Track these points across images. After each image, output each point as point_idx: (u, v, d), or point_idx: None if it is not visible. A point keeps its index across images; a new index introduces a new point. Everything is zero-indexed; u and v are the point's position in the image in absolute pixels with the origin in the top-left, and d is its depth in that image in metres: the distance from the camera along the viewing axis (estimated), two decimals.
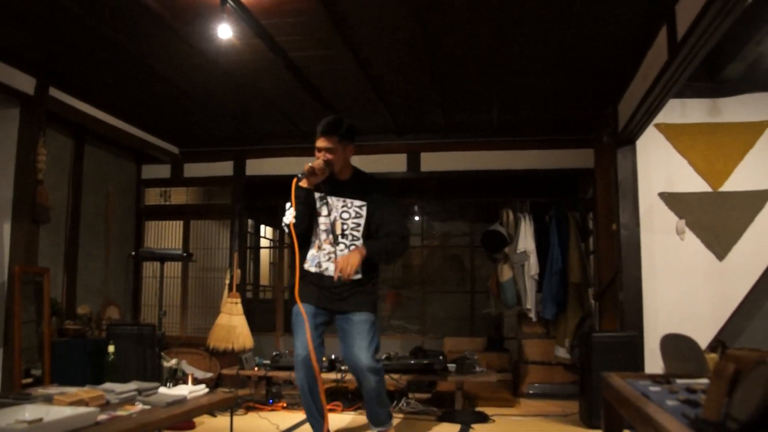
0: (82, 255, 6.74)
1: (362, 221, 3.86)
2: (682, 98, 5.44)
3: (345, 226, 3.84)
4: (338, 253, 3.78)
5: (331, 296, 3.83)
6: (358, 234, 3.85)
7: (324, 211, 3.86)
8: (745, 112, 5.45)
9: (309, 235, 3.90)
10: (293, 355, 3.77)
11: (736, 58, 4.88)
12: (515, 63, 5.26)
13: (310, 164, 3.75)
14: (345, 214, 3.86)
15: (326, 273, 3.82)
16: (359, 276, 3.79)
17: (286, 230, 3.82)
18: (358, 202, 3.88)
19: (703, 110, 5.52)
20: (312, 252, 3.88)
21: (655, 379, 2.35)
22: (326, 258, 3.83)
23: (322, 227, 3.85)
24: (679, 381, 2.28)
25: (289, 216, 3.75)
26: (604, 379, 2.49)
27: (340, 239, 3.81)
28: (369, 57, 5.18)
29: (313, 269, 3.86)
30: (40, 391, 3.56)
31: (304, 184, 3.75)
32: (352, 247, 3.80)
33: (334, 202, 3.88)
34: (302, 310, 3.76)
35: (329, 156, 3.80)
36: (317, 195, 3.88)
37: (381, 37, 4.81)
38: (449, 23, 4.55)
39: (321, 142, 3.81)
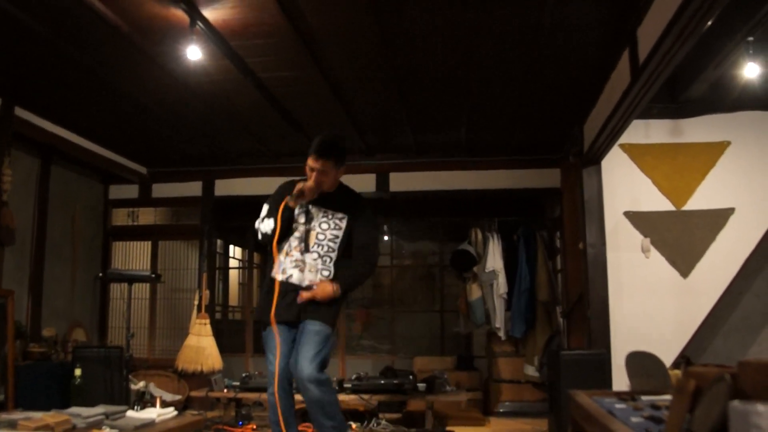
0: (47, 276, 6.64)
1: (341, 233, 3.76)
2: (646, 119, 5.57)
3: (322, 236, 3.72)
4: (308, 261, 3.68)
5: (293, 306, 3.64)
6: (335, 246, 3.73)
7: (302, 219, 3.75)
8: (707, 133, 5.59)
9: (281, 241, 3.73)
10: (263, 375, 3.64)
11: (697, 81, 5.01)
12: (482, 85, 5.34)
13: (301, 186, 3.62)
14: (324, 224, 3.75)
15: (290, 280, 3.66)
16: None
17: (259, 237, 3.70)
18: (339, 215, 3.79)
19: (666, 131, 5.65)
20: (280, 258, 3.72)
21: (620, 396, 2.39)
22: (292, 265, 3.67)
23: (296, 234, 3.73)
24: (644, 398, 2.32)
25: (266, 227, 3.65)
26: (571, 397, 2.53)
27: (312, 248, 3.69)
28: (338, 78, 5.23)
29: (280, 277, 3.68)
30: (4, 416, 3.52)
31: (292, 204, 3.65)
32: (326, 259, 3.69)
33: (315, 211, 3.77)
34: (274, 328, 3.66)
35: (321, 178, 3.66)
36: (297, 209, 3.76)
37: (349, 59, 4.86)
38: (416, 47, 4.62)
39: (315, 163, 3.63)
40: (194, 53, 4.22)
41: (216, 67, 4.85)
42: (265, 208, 3.76)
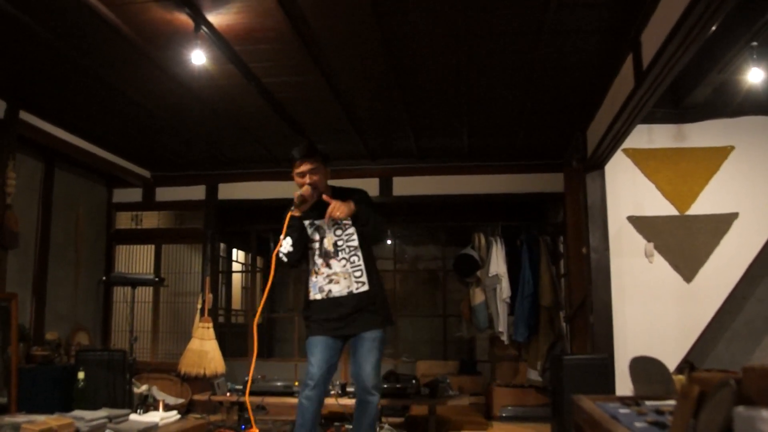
0: (51, 280, 6.65)
1: (353, 230, 3.84)
2: (649, 124, 5.57)
3: (341, 242, 3.80)
4: (338, 271, 3.77)
5: (339, 325, 3.77)
6: (356, 244, 3.81)
7: (316, 236, 3.84)
8: (710, 138, 5.59)
9: (300, 263, 3.85)
10: (266, 379, 3.70)
11: (700, 85, 5.00)
12: (484, 90, 5.35)
13: (299, 192, 3.69)
14: (338, 231, 3.83)
15: (330, 295, 3.77)
16: (365, 288, 3.78)
17: (284, 259, 3.72)
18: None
19: (670, 136, 5.65)
20: (312, 279, 3.84)
21: (624, 401, 2.39)
22: (326, 281, 3.78)
23: (318, 252, 3.82)
24: (648, 403, 2.32)
25: (286, 246, 3.68)
26: (575, 402, 2.53)
27: (338, 257, 3.78)
28: (341, 84, 5.24)
29: (319, 296, 3.80)
30: (7, 419, 3.52)
31: (296, 213, 3.69)
32: (353, 259, 3.79)
33: (322, 223, 3.84)
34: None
35: (314, 177, 3.75)
36: (307, 223, 3.83)
37: (352, 64, 4.86)
38: (418, 52, 4.63)
39: (304, 166, 3.75)
40: (198, 58, 4.23)
41: (220, 72, 4.86)
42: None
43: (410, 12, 4.06)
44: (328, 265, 3.78)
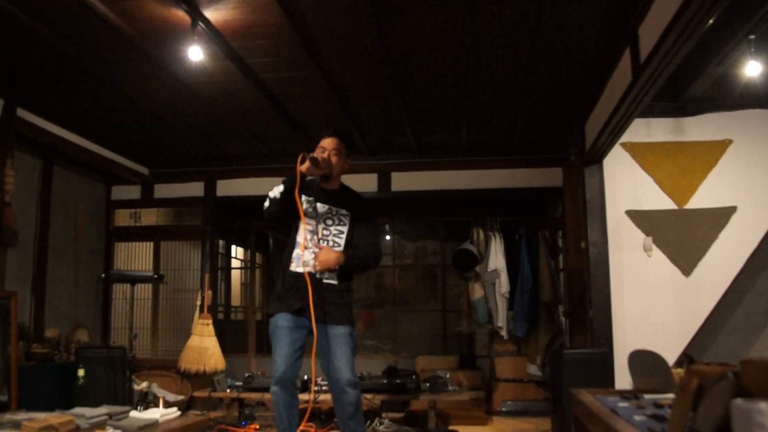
0: (50, 277, 6.65)
1: (345, 229, 3.86)
2: (648, 118, 5.56)
3: (327, 232, 3.82)
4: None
5: (312, 299, 3.65)
6: (341, 241, 3.83)
7: (312, 213, 3.83)
8: (708, 131, 5.59)
9: (280, 221, 3.85)
10: (266, 375, 3.66)
11: (699, 79, 5.00)
12: (481, 85, 5.35)
13: (315, 155, 3.69)
14: (329, 220, 3.85)
15: (309, 270, 3.71)
16: (333, 282, 3.77)
17: (266, 204, 3.74)
18: (343, 211, 3.88)
19: (668, 129, 5.64)
20: (297, 252, 3.79)
21: (623, 395, 2.39)
22: (311, 257, 3.74)
23: (309, 227, 3.80)
24: (647, 396, 2.32)
25: (275, 191, 3.70)
26: (574, 396, 2.53)
27: (324, 243, 3.78)
28: (338, 79, 5.23)
29: (299, 269, 3.74)
30: (8, 417, 3.52)
31: (303, 168, 3.64)
32: (337, 250, 3.78)
33: (321, 207, 3.84)
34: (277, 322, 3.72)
35: (333, 157, 3.80)
36: (304, 198, 3.81)
37: (350, 60, 4.86)
38: (416, 47, 4.62)
39: (330, 142, 3.82)
40: (195, 54, 4.23)
41: (217, 68, 4.86)
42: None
43: (408, 7, 4.06)
44: (316, 245, 3.75)
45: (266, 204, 3.75)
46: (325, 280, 3.74)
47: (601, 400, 2.30)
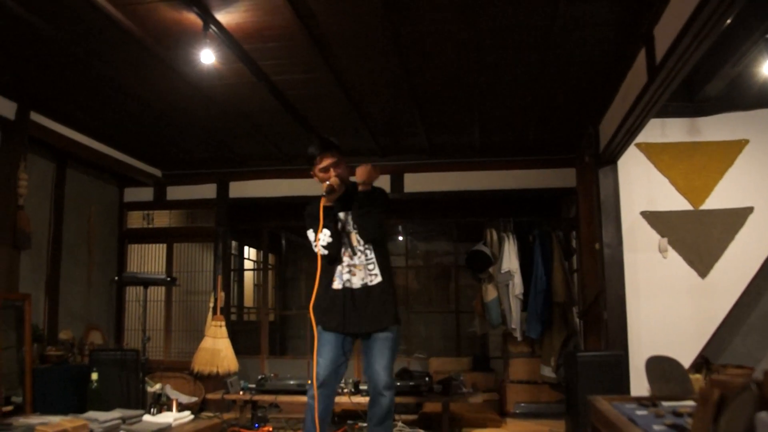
0: (64, 279, 6.67)
1: None
2: (662, 118, 5.51)
3: (359, 236, 3.84)
4: (357, 262, 3.79)
5: (352, 315, 3.75)
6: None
7: (343, 227, 3.86)
8: (724, 131, 5.53)
9: (340, 254, 3.84)
10: (279, 378, 3.65)
11: (714, 78, 4.95)
12: (495, 86, 5.31)
13: (327, 182, 3.73)
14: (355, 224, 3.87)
15: (347, 285, 3.77)
16: (372, 282, 3.77)
17: (324, 252, 3.72)
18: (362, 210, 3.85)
19: (683, 129, 5.59)
20: (339, 268, 3.83)
21: (641, 402, 2.36)
22: (347, 271, 3.80)
23: (344, 242, 3.84)
24: (665, 404, 2.29)
25: (325, 237, 3.70)
26: (591, 403, 2.50)
27: (357, 248, 3.81)
28: (351, 81, 5.21)
29: (339, 286, 3.80)
30: (22, 420, 3.53)
31: (328, 203, 3.72)
32: (367, 252, 3.80)
33: (344, 216, 3.86)
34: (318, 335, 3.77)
35: (338, 170, 3.80)
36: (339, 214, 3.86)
37: (361, 61, 4.84)
38: (428, 47, 4.59)
39: (326, 161, 3.80)
40: (207, 57, 4.22)
41: (229, 71, 4.85)
42: (311, 232, 3.80)
43: (420, 7, 4.03)
44: (351, 256, 3.80)
45: (325, 252, 3.73)
46: (369, 283, 3.76)
47: (618, 407, 2.27)
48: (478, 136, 6.66)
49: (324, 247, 3.71)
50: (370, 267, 3.79)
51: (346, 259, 3.80)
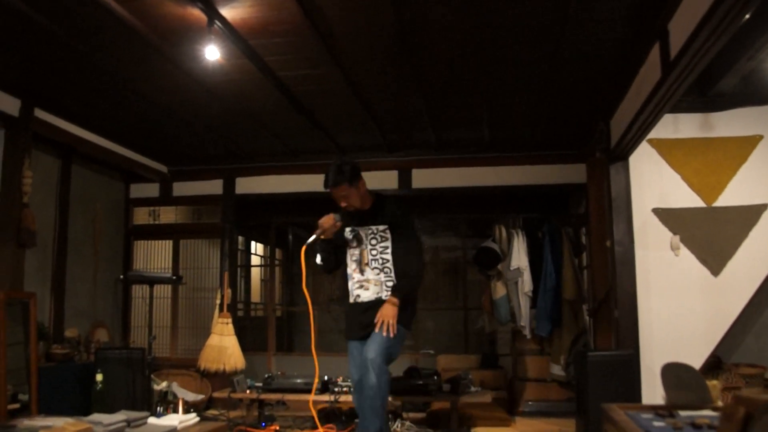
0: (69, 276, 6.64)
1: (389, 243, 4.03)
2: (675, 113, 5.41)
3: (375, 252, 4.02)
4: (371, 278, 4.01)
5: (363, 325, 3.98)
6: (388, 256, 4.01)
7: (354, 243, 4.07)
8: (738, 127, 5.43)
9: (337, 268, 4.16)
10: (286, 376, 3.77)
11: (728, 74, 4.85)
12: (505, 82, 5.24)
13: (320, 222, 3.92)
14: (373, 240, 4.03)
15: (358, 300, 4.03)
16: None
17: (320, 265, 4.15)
18: (381, 227, 4.04)
19: (696, 125, 5.49)
20: (350, 283, 4.11)
21: (657, 411, 2.29)
22: (357, 286, 4.05)
23: (353, 258, 4.07)
24: (683, 413, 2.22)
25: (318, 258, 4.08)
26: (604, 411, 2.43)
27: (371, 266, 4.01)
28: (357, 75, 5.14)
29: (350, 300, 4.09)
30: (26, 422, 3.50)
31: (327, 236, 3.95)
32: (386, 270, 3.99)
33: (362, 231, 4.06)
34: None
35: (348, 200, 3.96)
36: (348, 230, 4.07)
37: (368, 56, 4.77)
38: (436, 42, 4.52)
39: (335, 194, 3.96)
40: (212, 53, 4.18)
41: (234, 66, 4.79)
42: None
43: (429, 2, 3.95)
44: (361, 272, 4.03)
45: (323, 264, 4.13)
46: (384, 297, 3.97)
47: (633, 417, 2.20)
48: (487, 131, 6.58)
49: (318, 263, 4.11)
50: (389, 283, 3.98)
51: (356, 275, 4.05)
